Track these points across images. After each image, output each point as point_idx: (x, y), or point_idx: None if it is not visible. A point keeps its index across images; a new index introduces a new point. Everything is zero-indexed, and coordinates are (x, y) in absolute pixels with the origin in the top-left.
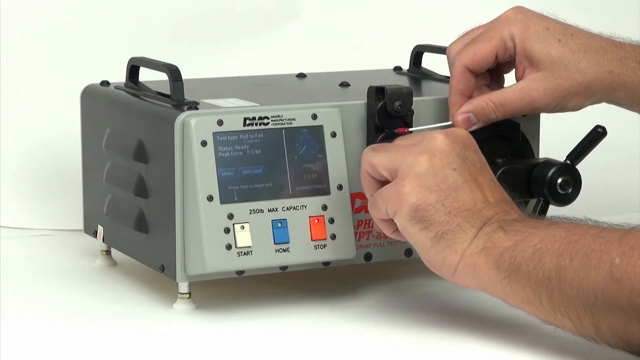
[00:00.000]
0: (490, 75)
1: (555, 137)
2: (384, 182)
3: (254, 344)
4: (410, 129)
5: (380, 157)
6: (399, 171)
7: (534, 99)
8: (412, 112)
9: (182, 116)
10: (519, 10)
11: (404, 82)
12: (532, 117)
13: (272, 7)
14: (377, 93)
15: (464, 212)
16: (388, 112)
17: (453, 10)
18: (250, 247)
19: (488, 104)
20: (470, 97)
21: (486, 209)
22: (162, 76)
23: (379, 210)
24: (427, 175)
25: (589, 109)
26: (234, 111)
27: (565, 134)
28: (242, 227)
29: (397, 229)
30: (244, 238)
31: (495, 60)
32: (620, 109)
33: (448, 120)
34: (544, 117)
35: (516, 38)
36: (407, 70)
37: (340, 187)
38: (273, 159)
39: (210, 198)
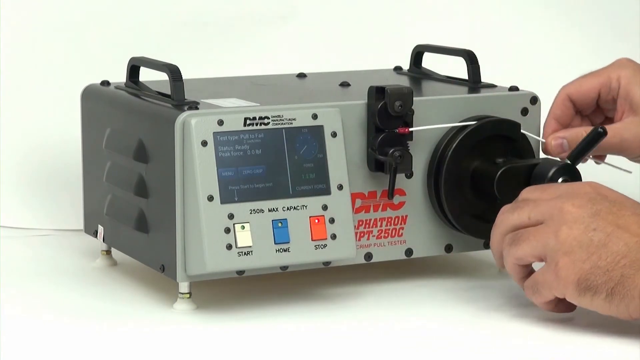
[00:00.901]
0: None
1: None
2: (529, 266)
3: (254, 344)
4: (410, 129)
5: (523, 249)
6: (548, 256)
7: (625, 138)
8: (412, 112)
9: (182, 116)
10: (631, 60)
11: (404, 82)
12: (532, 117)
13: (272, 7)
14: (377, 93)
15: (620, 261)
16: (388, 112)
17: (453, 10)
18: (250, 247)
19: (582, 133)
20: (565, 127)
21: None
22: (162, 76)
23: (544, 296)
24: (574, 250)
25: None
26: (234, 111)
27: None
28: (243, 227)
29: (559, 303)
30: (244, 238)
31: (598, 97)
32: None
33: (450, 122)
34: (544, 117)
35: (622, 80)
36: (407, 70)
37: (340, 187)
38: (273, 159)
39: (210, 198)
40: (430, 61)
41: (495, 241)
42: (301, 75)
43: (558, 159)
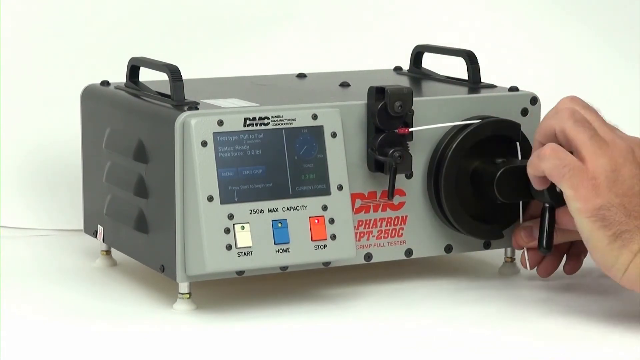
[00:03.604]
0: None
1: None
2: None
3: (254, 344)
4: (410, 129)
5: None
6: (589, 168)
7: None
8: (412, 112)
9: (182, 116)
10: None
11: (404, 82)
12: (532, 117)
13: (272, 7)
14: (377, 93)
15: None
16: (388, 112)
17: (453, 10)
18: (250, 247)
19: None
20: None
21: None
22: (162, 76)
23: (553, 177)
24: (616, 182)
25: None
26: (234, 111)
27: None
28: (242, 228)
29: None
30: (244, 238)
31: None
32: (619, 105)
33: (450, 122)
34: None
35: None
36: (407, 70)
37: (340, 187)
38: (273, 159)
39: (210, 198)
40: (430, 61)
41: None
42: (301, 75)
43: None
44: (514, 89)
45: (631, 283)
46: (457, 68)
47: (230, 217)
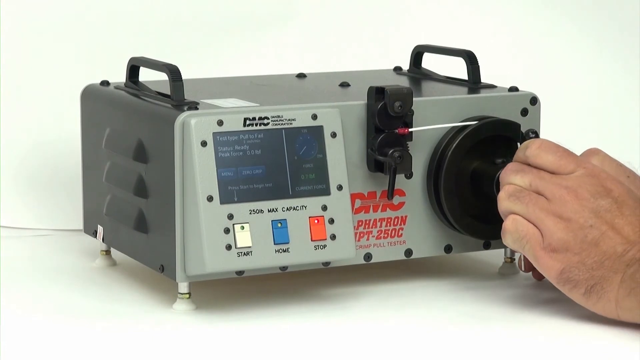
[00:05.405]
0: None
1: (556, 137)
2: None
3: (254, 344)
4: (410, 129)
5: (519, 209)
6: (543, 234)
7: None
8: (412, 112)
9: (182, 116)
10: (599, 149)
11: (404, 82)
12: (532, 117)
13: (272, 7)
14: (377, 93)
15: (605, 262)
16: (388, 112)
17: (453, 10)
18: (250, 247)
19: None
20: None
21: (626, 250)
22: (162, 76)
23: (523, 253)
24: (568, 241)
25: (591, 111)
26: (234, 111)
27: (565, 134)
28: (242, 228)
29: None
30: (243, 238)
31: None
32: (619, 106)
33: (450, 122)
34: (544, 117)
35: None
36: (407, 70)
37: (340, 187)
38: (273, 159)
39: (210, 198)
40: (430, 61)
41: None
42: (301, 75)
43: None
44: (514, 89)
45: (631, 320)
46: (457, 68)
47: (230, 217)
